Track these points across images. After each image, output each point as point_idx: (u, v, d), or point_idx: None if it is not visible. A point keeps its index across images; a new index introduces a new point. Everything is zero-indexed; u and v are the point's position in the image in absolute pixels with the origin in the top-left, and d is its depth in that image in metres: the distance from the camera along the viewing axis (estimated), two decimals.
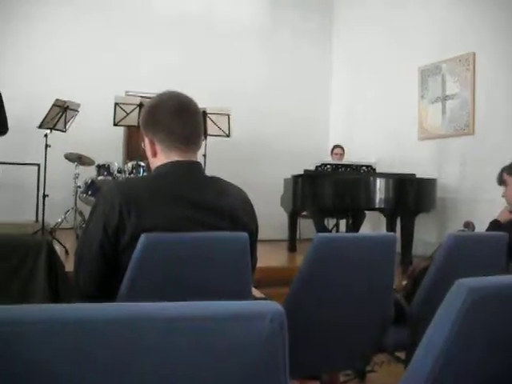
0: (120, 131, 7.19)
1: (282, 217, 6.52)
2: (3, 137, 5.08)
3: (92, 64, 7.29)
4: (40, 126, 5.79)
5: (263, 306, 0.84)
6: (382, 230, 6.30)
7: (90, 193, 6.13)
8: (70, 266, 2.03)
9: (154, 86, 6.53)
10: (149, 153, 1.89)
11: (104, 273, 1.75)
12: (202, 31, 7.95)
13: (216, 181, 1.90)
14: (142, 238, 1.64)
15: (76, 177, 6.36)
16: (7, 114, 5.00)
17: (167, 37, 7.73)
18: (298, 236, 6.67)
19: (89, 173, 6.39)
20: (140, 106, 5.90)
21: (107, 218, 1.70)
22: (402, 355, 2.64)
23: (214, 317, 0.81)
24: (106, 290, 1.76)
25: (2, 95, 4.90)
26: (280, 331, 0.82)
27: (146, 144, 1.89)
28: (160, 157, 1.86)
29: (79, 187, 6.28)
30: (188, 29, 7.84)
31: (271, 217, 5.61)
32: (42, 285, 1.80)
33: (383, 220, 6.06)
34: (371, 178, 5.88)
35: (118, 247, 1.71)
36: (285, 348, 0.84)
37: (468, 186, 6.19)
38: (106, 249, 1.72)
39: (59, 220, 6.31)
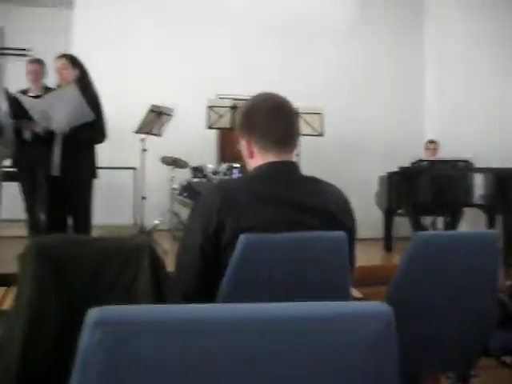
0: (213, 133, 7.31)
1: (377, 215, 6.42)
2: None
3: (184, 68, 7.45)
4: (137, 131, 6.01)
5: (370, 306, 0.83)
6: (482, 228, 6.08)
7: (185, 195, 6.26)
8: (168, 267, 2.08)
9: (245, 88, 6.64)
10: (245, 154, 1.91)
11: (204, 273, 1.78)
12: (293, 32, 7.93)
13: (313, 180, 1.90)
14: (241, 238, 1.66)
15: (171, 179, 6.53)
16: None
17: (257, 38, 7.78)
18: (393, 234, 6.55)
19: (184, 175, 6.54)
20: (232, 108, 5.98)
21: (207, 219, 1.73)
22: (508, 360, 2.52)
23: (321, 317, 0.80)
24: (206, 289, 1.79)
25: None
26: (388, 331, 0.81)
27: (243, 146, 1.90)
28: (257, 158, 1.87)
29: (175, 189, 6.44)
30: (278, 30, 7.85)
31: (366, 215, 5.53)
32: (146, 287, 1.84)
33: (482, 217, 5.84)
34: (470, 173, 5.68)
35: (217, 248, 1.74)
36: (393, 348, 0.82)
37: None
38: (207, 250, 1.75)
39: (156, 222, 6.50)
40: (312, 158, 6.61)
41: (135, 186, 6.91)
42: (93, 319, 0.74)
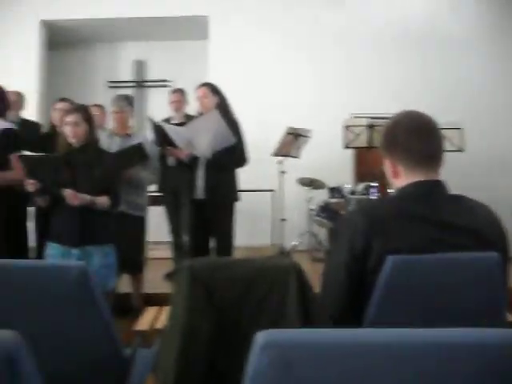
0: (349, 153, 7.28)
1: None
2: None
3: (319, 89, 7.51)
4: (274, 154, 6.13)
5: None
6: None
7: (323, 215, 6.27)
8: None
9: (380, 107, 6.57)
10: (390, 174, 1.88)
11: (350, 296, 1.77)
12: (428, 45, 7.75)
13: (460, 199, 1.83)
14: (389, 260, 1.63)
15: (309, 200, 6.57)
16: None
17: (392, 52, 7.68)
18: None
19: (321, 196, 6.55)
20: (369, 127, 5.92)
21: (352, 241, 1.72)
22: None
23: (471, 344, 0.77)
24: (352, 311, 1.78)
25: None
26: None
27: (387, 165, 1.87)
28: (401, 178, 1.83)
29: (312, 210, 6.47)
30: (412, 43, 7.70)
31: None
32: (294, 309, 1.86)
33: None
34: None
35: (364, 270, 1.72)
36: None
37: None
38: (352, 272, 1.73)
39: (295, 242, 6.56)
40: (452, 173, 6.35)
41: (273, 208, 7.03)
42: (261, 342, 0.76)
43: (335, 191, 6.42)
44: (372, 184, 6.29)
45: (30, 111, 6.30)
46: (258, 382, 0.77)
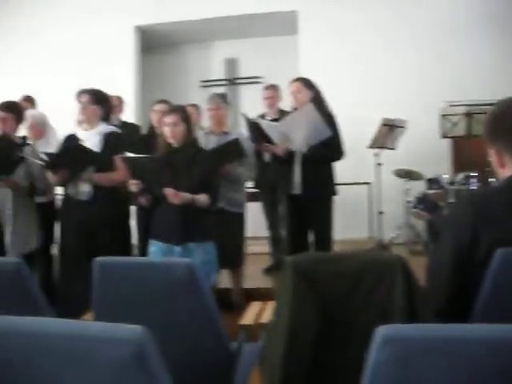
0: (446, 143, 7.06)
1: None
2: None
3: (413, 78, 7.33)
4: (370, 146, 6.04)
5: None
6: None
7: (421, 207, 6.12)
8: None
9: (473, 94, 6.34)
10: (495, 164, 1.80)
11: (457, 289, 1.72)
12: None
13: None
14: (498, 253, 1.57)
15: (406, 192, 6.43)
16: None
17: (482, 40, 7.37)
18: None
19: (418, 187, 6.40)
20: (467, 115, 5.71)
21: (459, 233, 1.67)
22: None
23: None
24: (459, 306, 1.73)
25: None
26: None
27: (492, 155, 1.80)
28: (508, 167, 1.76)
29: (410, 202, 6.33)
30: (502, 25, 7.37)
31: None
32: (400, 303, 1.82)
33: None
34: None
35: (471, 263, 1.67)
36: None
37: None
38: (459, 265, 1.69)
39: (392, 235, 6.44)
40: None
41: (370, 200, 6.94)
42: (381, 337, 0.75)
43: (433, 182, 6.24)
44: (472, 174, 6.06)
45: (128, 114, 6.53)
46: (379, 375, 0.77)
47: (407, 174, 6.40)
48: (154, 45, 8.90)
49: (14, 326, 0.99)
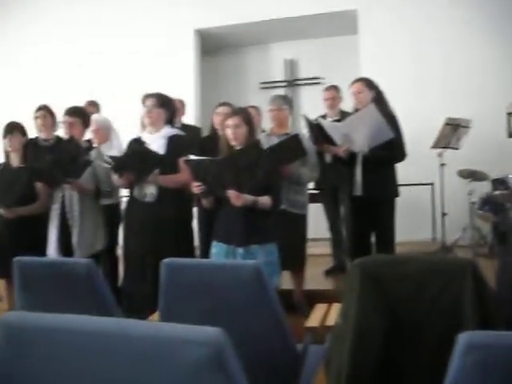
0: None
1: None
2: None
3: (475, 77, 7.16)
4: (433, 146, 5.94)
5: None
6: None
7: (486, 208, 5.98)
8: None
9: None
10: None
11: None
12: None
13: None
14: None
15: (470, 193, 6.28)
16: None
17: None
18: None
19: (483, 188, 6.24)
20: None
21: None
22: None
23: None
24: None
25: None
26: None
27: None
28: None
29: (474, 203, 6.18)
30: None
31: None
32: (471, 308, 1.79)
33: None
34: None
35: None
36: None
37: None
38: None
39: (456, 237, 6.31)
40: None
41: (433, 202, 6.81)
42: (465, 343, 0.74)
43: (499, 182, 6.07)
44: None
45: (189, 116, 6.62)
46: (462, 382, 0.75)
47: (471, 175, 6.25)
48: (214, 47, 9.00)
49: (86, 326, 1.01)
